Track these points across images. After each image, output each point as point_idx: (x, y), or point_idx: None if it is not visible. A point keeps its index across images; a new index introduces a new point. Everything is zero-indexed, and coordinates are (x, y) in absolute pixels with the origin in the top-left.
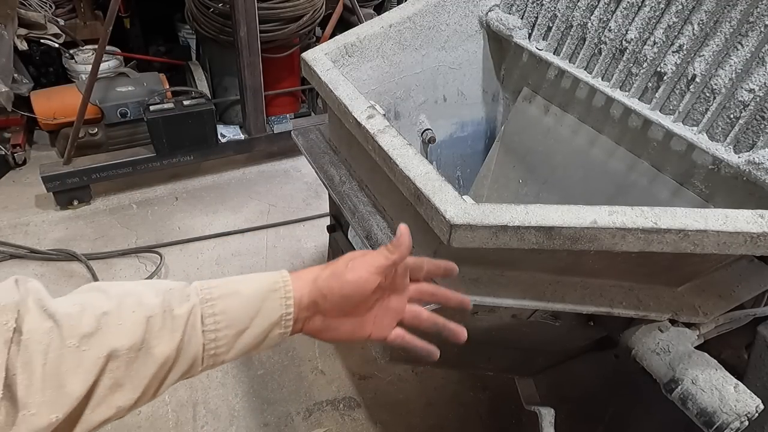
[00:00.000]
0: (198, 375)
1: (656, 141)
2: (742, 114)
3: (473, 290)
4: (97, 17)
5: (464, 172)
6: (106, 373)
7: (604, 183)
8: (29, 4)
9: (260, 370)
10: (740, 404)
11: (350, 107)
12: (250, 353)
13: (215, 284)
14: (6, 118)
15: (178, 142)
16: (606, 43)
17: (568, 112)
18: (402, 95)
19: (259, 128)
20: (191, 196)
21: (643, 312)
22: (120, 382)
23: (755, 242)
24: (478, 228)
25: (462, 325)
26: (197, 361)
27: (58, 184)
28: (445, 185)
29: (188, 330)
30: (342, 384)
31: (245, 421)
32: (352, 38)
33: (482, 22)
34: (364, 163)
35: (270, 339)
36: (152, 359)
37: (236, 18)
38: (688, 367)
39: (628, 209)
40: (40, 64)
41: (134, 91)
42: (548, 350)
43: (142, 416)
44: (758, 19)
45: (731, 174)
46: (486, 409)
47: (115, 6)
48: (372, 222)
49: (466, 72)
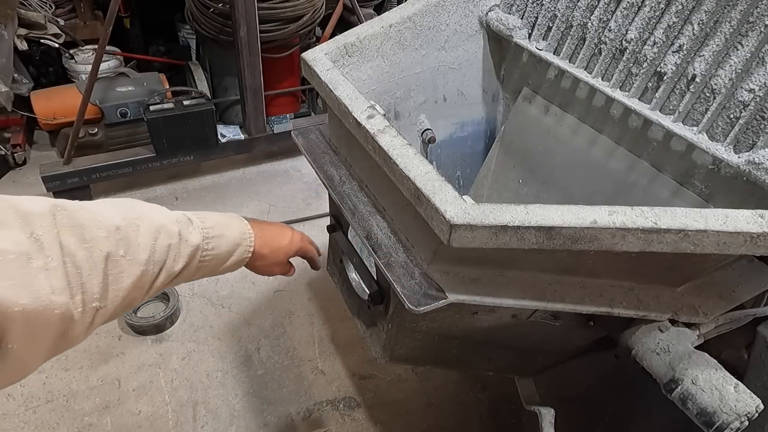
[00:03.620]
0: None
1: (656, 141)
2: (742, 114)
3: (473, 290)
4: (97, 17)
5: (464, 172)
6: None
7: (604, 183)
8: (29, 4)
9: (260, 370)
10: (740, 404)
11: (350, 107)
12: (215, 273)
13: (210, 225)
14: (6, 118)
15: (178, 142)
16: (606, 43)
17: (568, 112)
18: (402, 95)
19: (259, 128)
20: (191, 196)
21: (643, 312)
22: (143, 285)
23: (755, 242)
24: (478, 228)
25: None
26: (189, 275)
27: (58, 184)
28: (445, 185)
29: (193, 257)
30: (342, 384)
31: (245, 421)
32: (352, 38)
33: (482, 22)
34: (364, 163)
35: (231, 267)
36: (168, 272)
37: (236, 18)
38: (688, 367)
39: (628, 209)
40: (40, 64)
41: (134, 91)
42: (548, 350)
43: (142, 416)
44: (758, 19)
45: (731, 174)
46: (486, 409)
47: (115, 6)
48: (372, 222)
49: (466, 72)
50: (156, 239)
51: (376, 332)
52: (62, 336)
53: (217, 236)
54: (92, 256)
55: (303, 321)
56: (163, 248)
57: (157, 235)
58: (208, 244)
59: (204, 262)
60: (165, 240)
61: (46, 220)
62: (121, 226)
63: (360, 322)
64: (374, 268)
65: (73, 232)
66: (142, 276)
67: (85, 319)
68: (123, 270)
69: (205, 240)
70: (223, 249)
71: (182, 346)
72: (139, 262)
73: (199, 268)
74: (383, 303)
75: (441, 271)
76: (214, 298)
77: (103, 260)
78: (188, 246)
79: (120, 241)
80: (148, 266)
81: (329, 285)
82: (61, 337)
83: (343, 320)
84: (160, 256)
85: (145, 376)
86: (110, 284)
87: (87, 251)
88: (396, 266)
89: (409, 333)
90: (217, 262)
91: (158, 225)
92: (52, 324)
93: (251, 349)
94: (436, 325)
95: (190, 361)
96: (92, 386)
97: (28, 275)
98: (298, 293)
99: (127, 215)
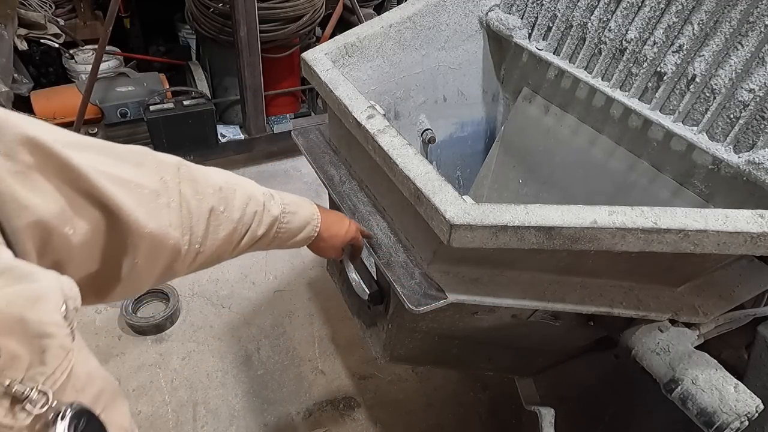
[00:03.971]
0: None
1: (656, 141)
2: (742, 114)
3: (473, 290)
4: (97, 17)
5: (464, 172)
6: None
7: (604, 183)
8: (29, 4)
9: (260, 370)
10: (740, 404)
11: (350, 107)
12: (285, 246)
13: (287, 202)
14: None
15: (178, 142)
16: (606, 43)
17: (568, 112)
18: (402, 95)
19: (259, 128)
20: None
21: (643, 312)
22: (232, 241)
23: (755, 242)
24: (478, 228)
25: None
26: (266, 243)
27: None
28: (445, 185)
29: (272, 226)
30: (342, 384)
31: (245, 421)
32: (352, 38)
33: (482, 22)
34: (364, 163)
35: (299, 243)
36: (251, 235)
37: (236, 18)
38: (688, 367)
39: (628, 209)
40: (40, 64)
41: (134, 91)
42: (548, 350)
43: (142, 416)
44: (758, 19)
45: (731, 174)
46: (486, 409)
47: (115, 6)
48: (372, 222)
49: (466, 72)
50: (247, 204)
51: (376, 332)
52: (169, 267)
53: (292, 213)
54: (201, 207)
55: (303, 321)
56: (251, 213)
57: (248, 201)
58: (284, 218)
59: (279, 233)
60: (253, 206)
61: (172, 169)
62: (223, 187)
63: (360, 322)
64: (374, 268)
65: (190, 185)
66: (233, 232)
67: (188, 257)
68: (221, 223)
69: (283, 214)
70: (295, 224)
71: (182, 346)
72: (233, 219)
73: (275, 237)
74: (383, 303)
75: (441, 271)
76: (214, 298)
77: (208, 211)
78: (270, 216)
79: (221, 199)
80: (238, 225)
81: (329, 285)
82: (168, 267)
83: (343, 320)
84: (248, 219)
85: (145, 376)
86: (210, 233)
87: (198, 201)
88: (396, 266)
89: (409, 333)
90: (289, 235)
91: (250, 193)
92: (166, 251)
93: (251, 349)
94: (436, 325)
95: (190, 361)
96: None
97: (157, 208)
98: (298, 293)
99: (228, 179)
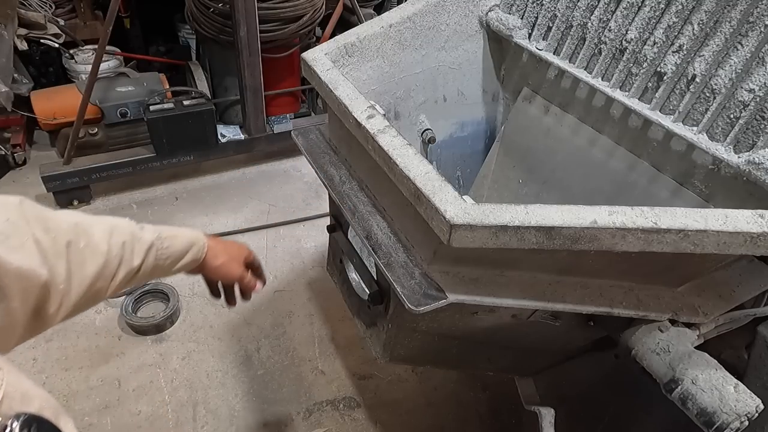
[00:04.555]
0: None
1: (656, 141)
2: (742, 114)
3: (473, 290)
4: (97, 17)
5: (464, 172)
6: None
7: (604, 183)
8: (29, 4)
9: (260, 370)
10: (740, 404)
11: (350, 107)
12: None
13: (162, 228)
14: (6, 118)
15: (178, 142)
16: (606, 43)
17: (568, 112)
18: (402, 95)
19: (259, 128)
20: (191, 196)
21: (643, 312)
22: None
23: (755, 242)
24: (478, 228)
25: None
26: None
27: (59, 184)
28: (445, 185)
29: (149, 253)
30: (342, 384)
31: (245, 421)
32: (352, 38)
33: (482, 22)
34: (364, 163)
35: (189, 265)
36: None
37: (236, 18)
38: (688, 367)
39: (628, 209)
40: (40, 64)
41: (134, 91)
42: (548, 350)
43: (142, 416)
44: (758, 19)
45: (731, 174)
46: (486, 409)
47: (115, 6)
48: (372, 222)
49: (466, 72)
50: (111, 235)
51: (376, 332)
52: (40, 311)
53: (171, 236)
54: (56, 243)
55: (303, 321)
56: (118, 244)
57: (111, 232)
58: (162, 243)
59: (160, 259)
60: (119, 237)
61: (14, 209)
62: (80, 222)
63: (360, 322)
64: (374, 268)
65: (38, 222)
66: (103, 267)
67: (54, 300)
68: (86, 259)
69: (159, 239)
70: (177, 248)
71: (182, 346)
72: (100, 252)
73: (156, 265)
74: (383, 303)
75: (441, 271)
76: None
77: (64, 247)
78: (143, 243)
79: (80, 233)
80: (108, 257)
81: (329, 285)
82: (37, 312)
83: (343, 320)
84: (117, 250)
85: (145, 376)
86: (75, 270)
87: (51, 239)
88: (396, 266)
89: (409, 333)
90: (173, 260)
91: (112, 224)
92: (37, 288)
93: (251, 349)
94: (436, 325)
95: (190, 361)
96: (92, 386)
97: (12, 248)
98: (298, 293)
99: (85, 216)
